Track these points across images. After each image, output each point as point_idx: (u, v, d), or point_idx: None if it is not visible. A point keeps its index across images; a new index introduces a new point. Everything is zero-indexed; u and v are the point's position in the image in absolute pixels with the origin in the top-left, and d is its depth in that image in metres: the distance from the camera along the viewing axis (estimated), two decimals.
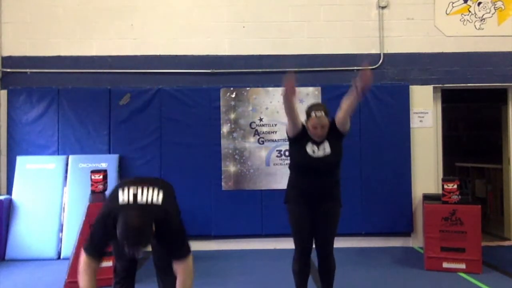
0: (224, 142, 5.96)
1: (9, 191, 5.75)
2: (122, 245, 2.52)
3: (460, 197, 4.94)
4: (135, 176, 3.48)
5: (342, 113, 3.42)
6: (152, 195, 2.73)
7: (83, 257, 2.68)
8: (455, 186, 4.90)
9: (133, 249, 2.49)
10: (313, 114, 3.35)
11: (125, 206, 2.65)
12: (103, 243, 2.71)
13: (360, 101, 3.52)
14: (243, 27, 6.09)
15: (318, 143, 3.41)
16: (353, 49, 6.10)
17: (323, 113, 3.35)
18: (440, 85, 6.14)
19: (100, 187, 4.66)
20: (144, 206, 2.67)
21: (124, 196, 2.71)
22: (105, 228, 2.65)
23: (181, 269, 2.72)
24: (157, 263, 3.23)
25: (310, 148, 3.40)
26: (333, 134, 3.44)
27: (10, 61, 6.01)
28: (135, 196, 2.72)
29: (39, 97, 5.92)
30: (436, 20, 6.12)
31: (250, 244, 5.91)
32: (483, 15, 6.12)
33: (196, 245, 5.58)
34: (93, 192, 4.66)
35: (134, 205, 2.66)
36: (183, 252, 2.73)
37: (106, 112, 5.93)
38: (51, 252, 5.47)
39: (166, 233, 2.68)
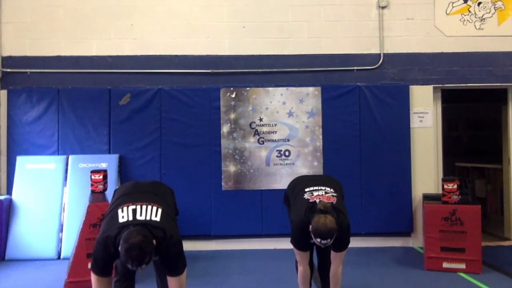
0: (224, 142, 5.96)
1: (9, 191, 5.75)
2: (126, 263, 2.56)
3: (460, 197, 4.94)
4: (135, 181, 3.49)
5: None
6: (150, 213, 2.79)
7: (93, 276, 2.74)
8: (455, 186, 4.90)
9: (137, 267, 2.54)
10: (318, 240, 3.12)
11: (125, 225, 2.69)
12: (108, 264, 2.75)
13: None
14: (243, 27, 6.09)
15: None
16: (353, 49, 6.10)
17: (329, 241, 3.11)
18: (440, 85, 6.14)
19: (100, 187, 4.66)
20: (143, 223, 2.71)
21: (124, 214, 2.77)
22: (106, 250, 2.69)
23: (174, 285, 2.81)
24: (156, 262, 3.24)
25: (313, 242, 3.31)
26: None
27: (10, 61, 6.01)
28: (134, 213, 2.77)
29: (39, 97, 5.92)
30: (436, 20, 6.12)
31: (250, 244, 5.91)
32: (483, 15, 6.12)
33: (196, 245, 5.65)
34: (93, 192, 4.65)
35: (134, 223, 2.70)
36: (178, 270, 2.80)
37: (106, 112, 5.93)
38: (51, 252, 5.47)
39: (163, 253, 2.74)
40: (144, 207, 2.82)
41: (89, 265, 2.82)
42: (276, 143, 5.99)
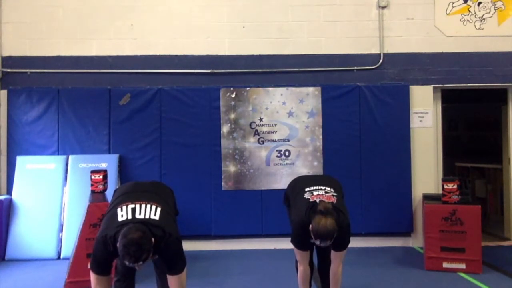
0: (224, 142, 5.96)
1: (9, 191, 5.75)
2: (123, 260, 2.56)
3: (460, 197, 4.94)
4: (135, 182, 3.50)
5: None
6: (150, 211, 2.80)
7: (92, 275, 2.74)
8: (455, 186, 4.90)
9: (133, 264, 2.54)
10: (318, 241, 3.13)
11: (124, 224, 2.70)
12: (107, 262, 2.76)
13: None
14: (243, 27, 6.09)
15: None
16: (353, 49, 6.10)
17: (329, 242, 3.13)
18: (440, 85, 6.13)
19: (100, 187, 4.66)
20: (143, 221, 2.72)
21: (123, 213, 2.78)
22: (106, 249, 2.69)
23: (173, 284, 2.81)
24: (156, 262, 3.25)
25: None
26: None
27: (10, 61, 6.01)
28: (133, 211, 2.78)
29: (39, 97, 5.92)
30: (436, 20, 6.12)
31: (250, 244, 5.91)
32: (483, 15, 6.12)
33: (196, 245, 5.66)
34: (93, 192, 4.65)
35: (133, 221, 2.71)
36: (178, 269, 2.80)
37: (106, 112, 5.93)
38: (51, 252, 5.47)
39: (163, 251, 2.75)
40: (143, 206, 2.82)
41: (89, 265, 2.83)
42: (276, 143, 5.99)
